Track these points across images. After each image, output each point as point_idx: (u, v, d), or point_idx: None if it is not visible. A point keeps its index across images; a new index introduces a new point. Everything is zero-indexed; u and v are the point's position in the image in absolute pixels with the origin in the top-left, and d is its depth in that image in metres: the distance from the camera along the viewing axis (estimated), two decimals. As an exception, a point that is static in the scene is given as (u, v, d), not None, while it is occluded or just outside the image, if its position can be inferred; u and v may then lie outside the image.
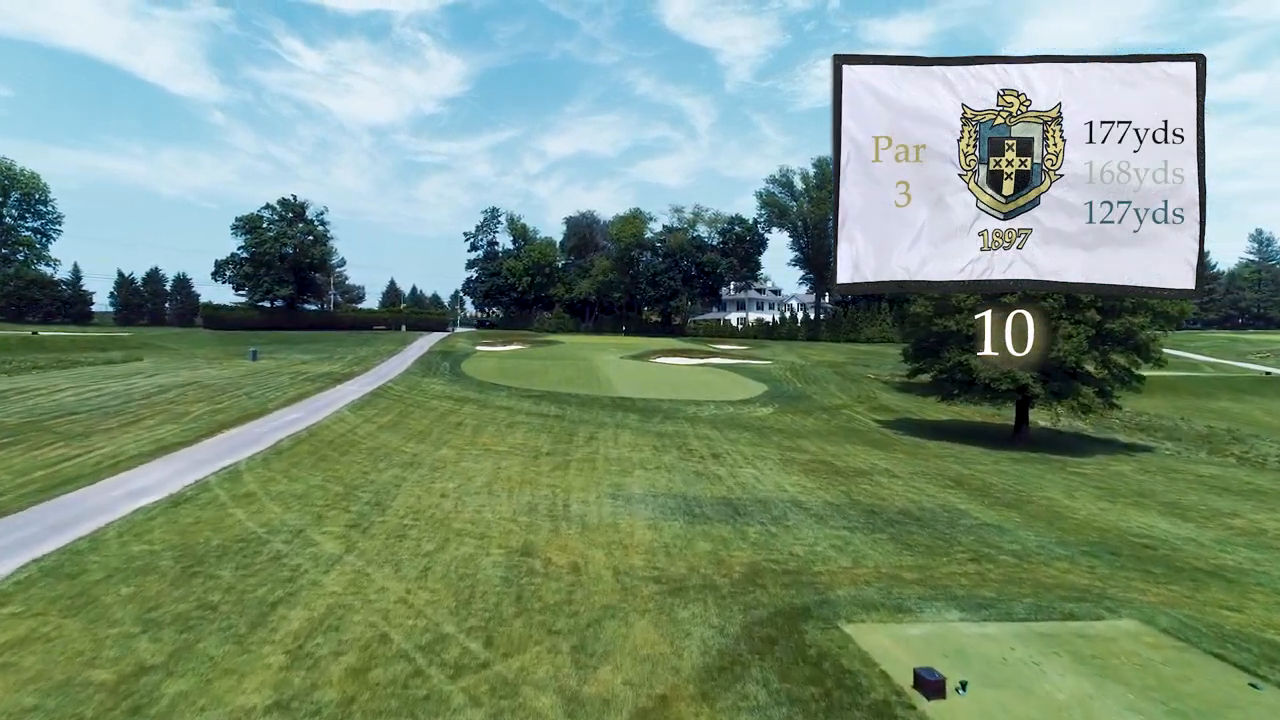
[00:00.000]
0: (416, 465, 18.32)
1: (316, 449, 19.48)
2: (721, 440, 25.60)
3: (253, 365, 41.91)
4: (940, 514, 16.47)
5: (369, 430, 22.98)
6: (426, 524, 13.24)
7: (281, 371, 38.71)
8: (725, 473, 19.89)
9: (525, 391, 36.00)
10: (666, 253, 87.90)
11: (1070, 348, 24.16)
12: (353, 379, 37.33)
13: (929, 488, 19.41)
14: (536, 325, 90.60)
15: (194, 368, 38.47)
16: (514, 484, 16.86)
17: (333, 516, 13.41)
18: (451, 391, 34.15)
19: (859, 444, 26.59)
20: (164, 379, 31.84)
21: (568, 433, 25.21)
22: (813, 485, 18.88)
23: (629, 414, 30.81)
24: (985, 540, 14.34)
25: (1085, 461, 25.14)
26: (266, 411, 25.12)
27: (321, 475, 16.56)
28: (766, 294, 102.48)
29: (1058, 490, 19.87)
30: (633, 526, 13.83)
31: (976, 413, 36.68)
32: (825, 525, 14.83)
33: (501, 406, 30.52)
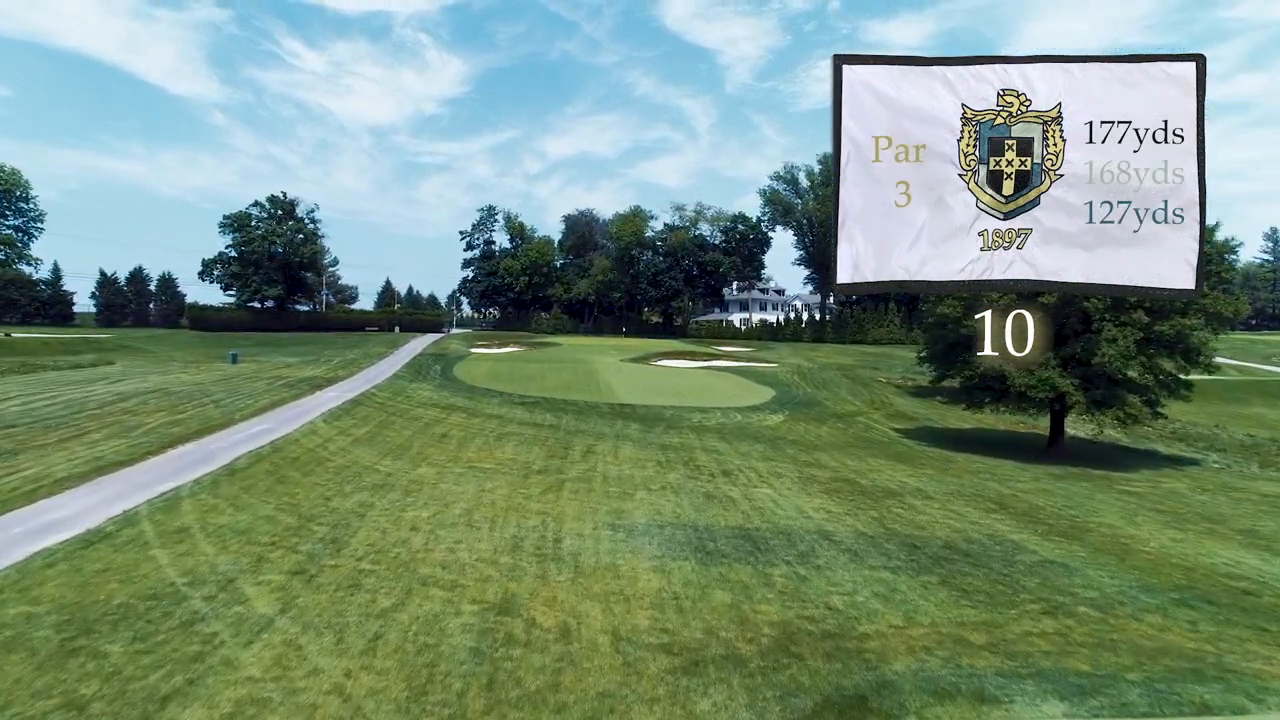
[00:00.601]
0: (388, 488, 16.08)
1: (277, 468, 17.24)
2: (731, 454, 23.37)
3: (231, 369, 39.67)
4: (991, 547, 14.24)
5: (342, 444, 20.75)
6: (388, 568, 11.00)
7: (260, 376, 36.47)
8: (739, 494, 17.65)
9: (519, 398, 33.78)
10: (668, 252, 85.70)
11: (1115, 352, 21.94)
12: (336, 384, 35.12)
13: (970, 512, 17.18)
14: (534, 326, 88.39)
15: (166, 372, 36.22)
16: (498, 511, 14.63)
17: (276, 559, 11.17)
18: (440, 398, 31.91)
19: (881, 457, 24.35)
20: (128, 385, 29.60)
21: (563, 445, 22.98)
22: (839, 510, 16.65)
23: (630, 423, 28.58)
24: (1053, 583, 12.11)
25: (1132, 478, 22.90)
26: (232, 422, 22.88)
27: (275, 502, 14.32)
28: (770, 294, 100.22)
29: (1115, 514, 17.63)
30: (635, 569, 11.60)
31: (1000, 420, 34.45)
32: (862, 564, 12.60)
33: (492, 415, 28.29)
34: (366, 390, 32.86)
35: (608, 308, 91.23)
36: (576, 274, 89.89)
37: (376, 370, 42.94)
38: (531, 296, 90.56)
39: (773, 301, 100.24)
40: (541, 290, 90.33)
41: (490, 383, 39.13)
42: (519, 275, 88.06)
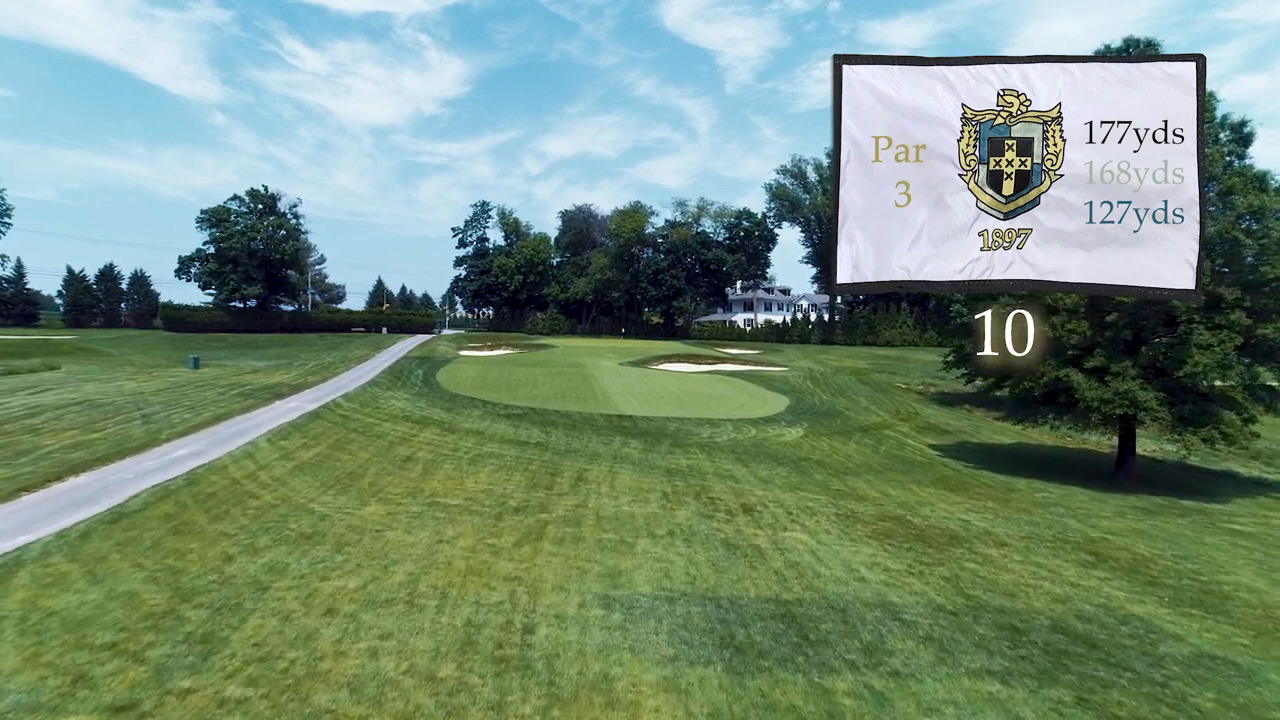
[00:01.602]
0: (317, 539, 12.40)
1: (180, 510, 13.56)
2: (751, 480, 19.70)
3: (189, 375, 35.98)
4: (1117, 629, 10.57)
5: (279, 472, 17.08)
6: (268, 695, 7.34)
7: (218, 383, 32.80)
8: (767, 542, 13.98)
9: (505, 409, 30.09)
10: (669, 249, 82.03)
11: (1210, 361, 18.30)
12: (302, 392, 31.45)
13: (1064, 567, 13.50)
14: (529, 327, 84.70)
15: (110, 379, 32.52)
16: (454, 577, 10.96)
17: (102, 679, 7.50)
18: (414, 409, 28.22)
19: (927, 484, 20.68)
20: (54, 396, 25.91)
21: (549, 471, 19.31)
22: (898, 565, 12.98)
23: (629, 439, 24.91)
24: (1235, 701, 8.44)
25: (1231, 511, 19.26)
26: (155, 444, 19.22)
27: (151, 567, 10.65)
28: (775, 294, 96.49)
29: (1247, 569, 13.99)
30: (639, 684, 7.95)
31: (1045, 434, 30.78)
32: (956, 666, 8.94)
33: (471, 431, 24.61)
34: (333, 399, 29.19)
35: (606, 308, 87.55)
36: (574, 273, 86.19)
37: (352, 375, 39.27)
38: (527, 296, 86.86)
39: (778, 301, 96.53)
40: (537, 289, 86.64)
41: (475, 390, 35.45)
42: (513, 274, 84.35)
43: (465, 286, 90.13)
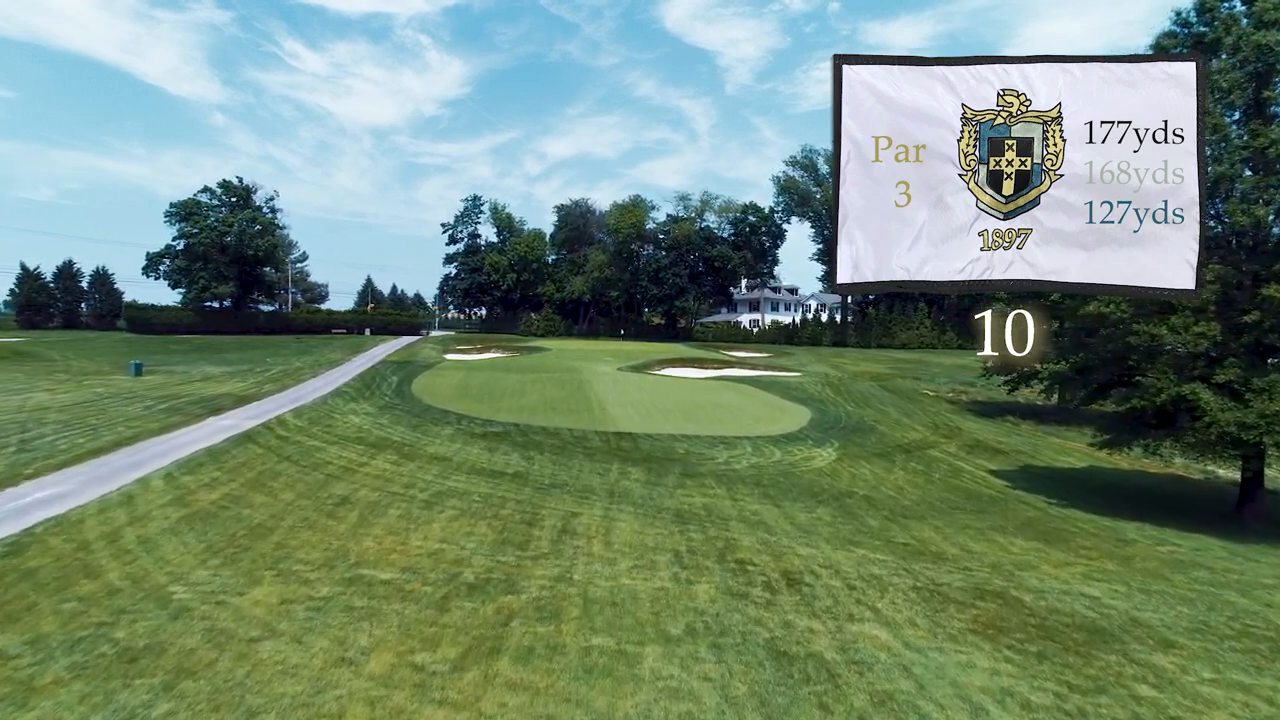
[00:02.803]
0: (145, 663, 7.96)
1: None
2: (787, 528, 15.25)
3: (125, 384, 31.49)
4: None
5: (154, 530, 12.62)
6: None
7: (153, 393, 28.32)
8: (831, 646, 9.51)
9: (483, 425, 25.62)
10: (671, 245, 77.54)
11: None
12: (248, 404, 27.00)
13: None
14: (523, 328, 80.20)
15: (24, 390, 28.03)
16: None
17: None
18: (372, 428, 23.72)
19: (1011, 530, 16.22)
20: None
21: (526, 517, 14.86)
22: (1041, 696, 8.50)
23: (630, 467, 20.44)
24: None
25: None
26: (11, 481, 14.77)
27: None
28: (782, 293, 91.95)
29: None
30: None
31: (1119, 457, 26.31)
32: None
33: (435, 457, 20.12)
34: (279, 415, 24.71)
35: (604, 308, 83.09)
36: (570, 271, 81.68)
37: (317, 384, 34.78)
38: (520, 296, 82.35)
39: (785, 301, 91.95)
40: (531, 289, 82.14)
41: (453, 401, 30.98)
42: (506, 272, 79.81)
43: (455, 285, 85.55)
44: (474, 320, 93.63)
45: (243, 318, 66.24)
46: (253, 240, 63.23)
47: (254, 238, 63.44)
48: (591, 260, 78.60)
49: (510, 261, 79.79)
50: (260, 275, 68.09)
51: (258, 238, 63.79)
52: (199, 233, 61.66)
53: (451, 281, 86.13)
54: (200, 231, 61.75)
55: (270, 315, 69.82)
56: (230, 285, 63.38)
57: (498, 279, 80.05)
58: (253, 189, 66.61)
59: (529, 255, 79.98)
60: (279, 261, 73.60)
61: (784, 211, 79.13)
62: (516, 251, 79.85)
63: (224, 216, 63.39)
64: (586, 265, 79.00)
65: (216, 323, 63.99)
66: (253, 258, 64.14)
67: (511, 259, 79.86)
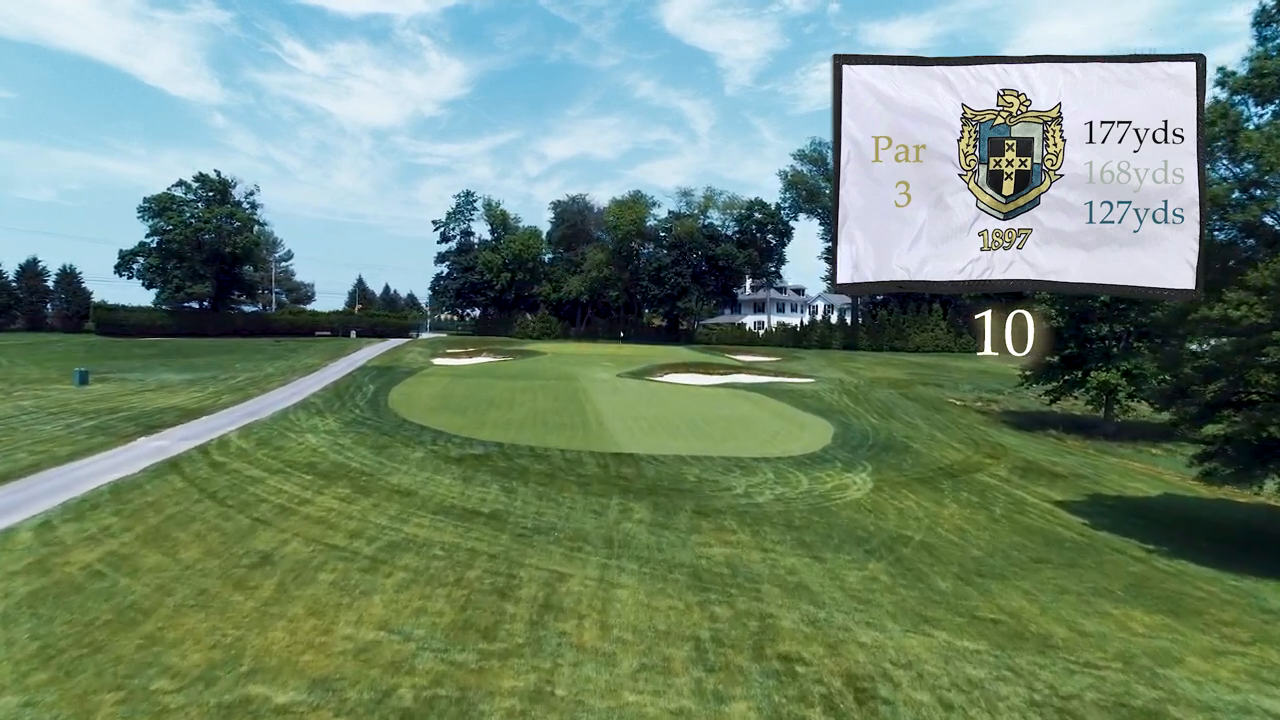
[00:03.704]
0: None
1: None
2: (837, 596, 11.81)
3: (62, 395, 28.01)
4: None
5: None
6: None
7: (88, 407, 24.85)
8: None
9: (462, 445, 22.16)
10: (673, 244, 74.03)
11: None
12: (195, 420, 23.57)
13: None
14: (518, 330, 76.69)
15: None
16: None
17: None
18: (329, 451, 20.25)
19: (1121, 595, 12.77)
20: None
21: (498, 584, 11.43)
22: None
23: (632, 502, 16.99)
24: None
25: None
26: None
27: None
28: (788, 294, 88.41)
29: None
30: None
31: (1170, 470, 22.84)
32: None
33: (396, 490, 16.65)
34: (225, 434, 21.26)
35: (603, 309, 79.61)
36: (567, 270, 78.17)
37: (282, 394, 31.31)
38: (515, 296, 78.82)
39: (791, 302, 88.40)
40: (527, 289, 78.63)
41: (431, 415, 27.53)
42: (500, 271, 76.24)
43: (447, 286, 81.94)
44: (467, 322, 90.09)
45: (220, 319, 62.66)
46: (230, 237, 59.63)
47: (232, 234, 59.84)
48: (589, 259, 75.14)
49: (504, 260, 76.25)
50: (239, 274, 64.53)
51: (236, 234, 60.17)
52: (173, 229, 58.12)
53: (443, 281, 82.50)
54: (174, 228, 58.19)
55: (249, 317, 66.20)
56: (207, 285, 59.82)
57: (491, 278, 76.51)
58: (231, 183, 63.12)
59: (524, 254, 76.41)
60: (259, 260, 70.00)
61: (791, 208, 75.61)
62: (511, 250, 76.28)
63: (200, 212, 59.84)
64: (584, 264, 75.54)
65: (192, 324, 60.43)
66: (230, 255, 60.54)
67: (506, 258, 76.32)
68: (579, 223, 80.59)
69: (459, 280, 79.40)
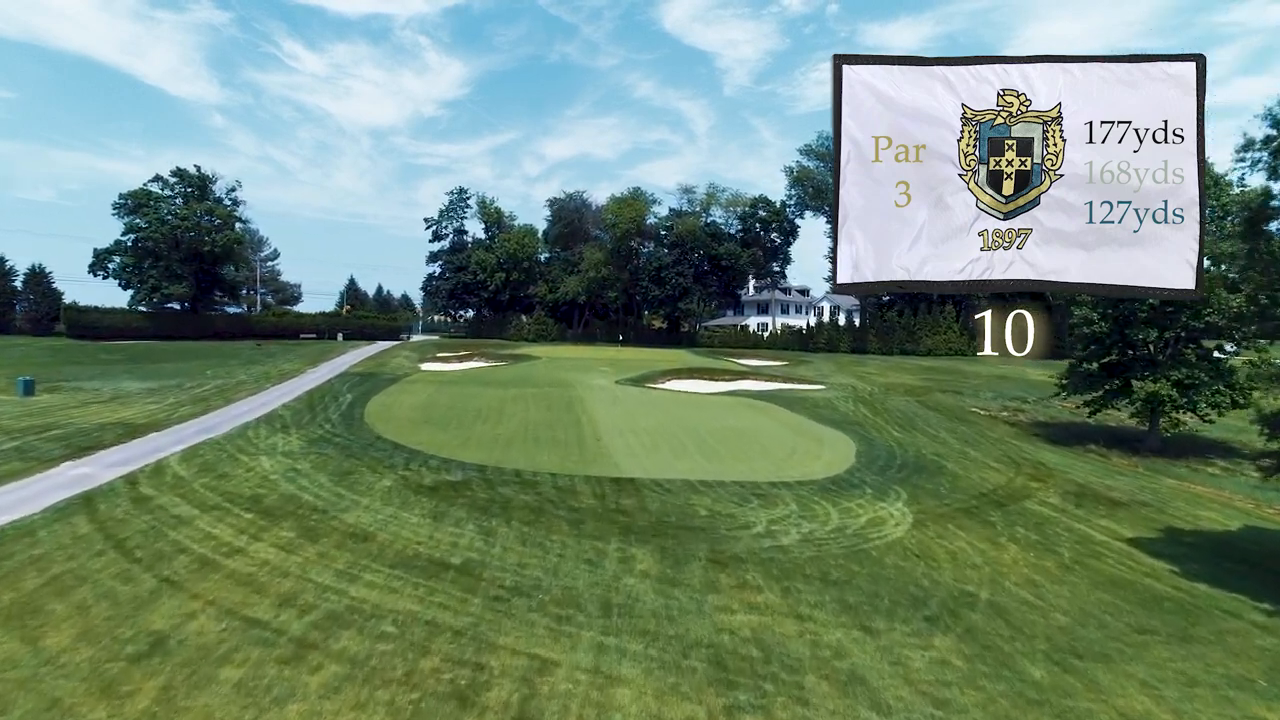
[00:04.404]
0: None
1: None
2: (903, 692, 9.09)
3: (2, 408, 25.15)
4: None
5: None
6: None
7: (18, 424, 22.09)
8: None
9: (439, 468, 19.39)
10: (674, 243, 71.23)
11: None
12: (139, 438, 20.84)
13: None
14: (513, 333, 73.90)
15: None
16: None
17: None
18: (281, 479, 17.46)
19: (1271, 690, 9.99)
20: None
21: (459, 683, 8.67)
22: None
23: (634, 547, 14.21)
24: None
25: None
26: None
27: None
28: (793, 295, 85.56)
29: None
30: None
31: (1256, 503, 20.09)
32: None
33: (353, 532, 13.86)
34: (165, 457, 18.49)
35: (601, 310, 76.82)
36: (564, 270, 75.35)
37: (250, 405, 28.53)
38: (510, 297, 75.98)
39: (796, 303, 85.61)
40: (522, 289, 75.79)
41: (410, 430, 24.76)
42: (494, 271, 73.40)
43: (439, 286, 79.04)
44: (460, 323, 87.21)
45: (200, 321, 59.79)
46: (210, 235, 56.74)
47: (211, 232, 56.96)
48: (587, 258, 72.33)
49: (499, 260, 73.38)
50: (220, 274, 61.65)
51: (215, 232, 57.28)
52: (149, 226, 55.28)
53: (436, 282, 79.58)
54: (151, 225, 55.36)
55: (231, 319, 63.32)
56: (184, 285, 56.95)
57: (485, 279, 73.63)
58: (211, 178, 60.17)
59: (519, 253, 73.54)
60: (241, 259, 67.15)
61: (797, 205, 72.84)
62: (505, 249, 73.40)
63: (178, 209, 56.97)
64: (582, 264, 72.72)
65: (169, 327, 57.58)
66: (210, 255, 57.69)
67: (500, 257, 73.44)
68: (576, 221, 77.79)
69: (451, 280, 76.53)
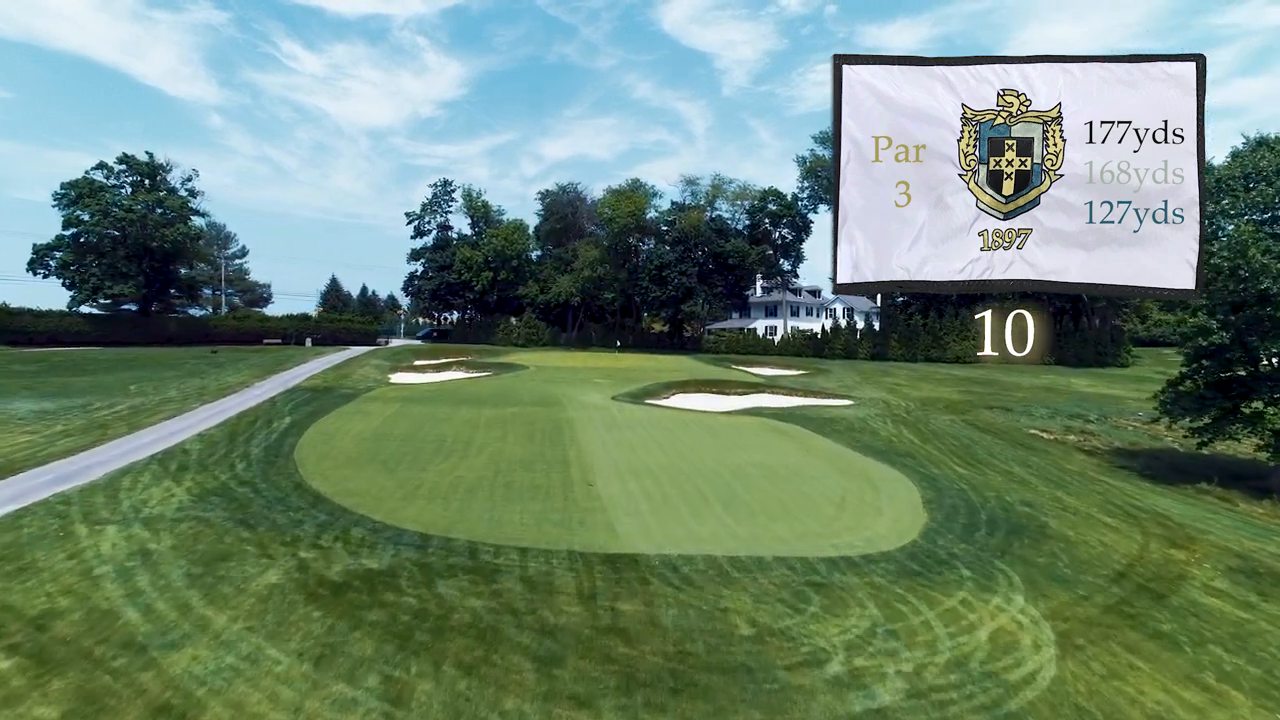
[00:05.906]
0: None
1: None
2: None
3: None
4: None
5: None
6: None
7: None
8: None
9: (359, 546, 13.64)
10: (676, 239, 65.49)
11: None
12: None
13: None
14: (500, 337, 68.12)
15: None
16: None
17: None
18: (107, 580, 11.70)
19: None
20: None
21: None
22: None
23: (645, 713, 8.41)
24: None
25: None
26: None
27: None
28: (803, 296, 79.88)
29: None
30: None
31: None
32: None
33: (162, 709, 8.06)
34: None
35: (597, 313, 71.12)
36: (556, 268, 69.62)
37: (159, 433, 22.79)
38: (498, 298, 70.22)
39: (807, 305, 79.88)
40: (511, 289, 70.01)
41: (345, 473, 19.06)
42: (480, 270, 67.60)
43: (421, 286, 73.19)
44: (445, 326, 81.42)
45: (152, 325, 53.91)
46: (159, 229, 50.86)
47: (161, 226, 51.08)
48: (582, 256, 66.60)
49: (486, 257, 67.57)
50: (174, 273, 55.78)
51: (166, 226, 51.40)
52: (91, 219, 49.45)
53: (418, 282, 73.71)
54: (93, 217, 49.52)
55: (186, 322, 57.49)
56: (132, 285, 51.05)
57: (470, 278, 67.85)
58: (165, 167, 54.22)
59: (507, 250, 67.71)
60: (201, 256, 61.23)
61: (810, 198, 67.14)
62: (493, 246, 67.56)
63: (124, 199, 51.13)
64: (576, 262, 67.00)
65: (115, 331, 51.74)
66: (160, 250, 51.80)
67: (487, 254, 67.64)
68: (570, 216, 72.11)
69: (434, 280, 70.70)
